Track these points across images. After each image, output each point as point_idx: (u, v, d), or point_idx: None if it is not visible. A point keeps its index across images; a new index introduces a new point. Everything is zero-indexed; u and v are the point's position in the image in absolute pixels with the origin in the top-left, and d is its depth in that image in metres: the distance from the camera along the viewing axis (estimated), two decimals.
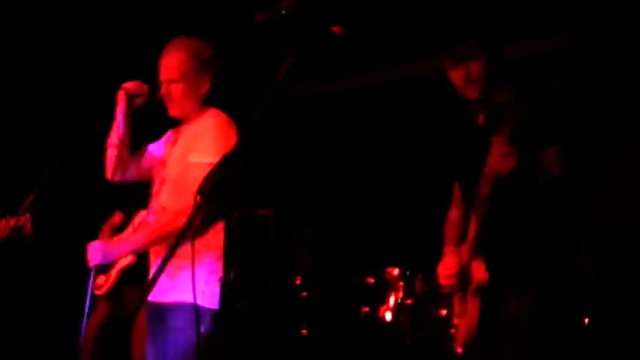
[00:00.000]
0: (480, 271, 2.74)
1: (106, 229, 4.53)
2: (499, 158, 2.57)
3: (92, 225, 4.53)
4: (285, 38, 2.18)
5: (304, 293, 5.45)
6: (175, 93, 3.28)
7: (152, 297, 3.25)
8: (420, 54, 5.07)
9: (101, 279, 4.29)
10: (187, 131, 3.30)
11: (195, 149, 3.18)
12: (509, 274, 2.72)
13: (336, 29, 2.20)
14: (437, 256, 3.07)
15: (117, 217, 4.56)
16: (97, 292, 4.28)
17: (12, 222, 3.66)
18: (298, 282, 5.41)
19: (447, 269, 2.92)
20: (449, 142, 3.10)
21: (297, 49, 2.06)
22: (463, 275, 2.83)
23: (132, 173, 3.49)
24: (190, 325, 3.01)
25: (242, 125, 1.94)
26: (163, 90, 3.30)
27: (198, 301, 3.03)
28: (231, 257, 3.39)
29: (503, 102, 2.77)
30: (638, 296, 4.40)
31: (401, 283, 4.80)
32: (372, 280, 5.01)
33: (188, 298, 2.97)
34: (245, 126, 1.91)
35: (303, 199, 6.12)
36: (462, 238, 2.91)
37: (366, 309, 4.99)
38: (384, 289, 4.86)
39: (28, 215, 3.49)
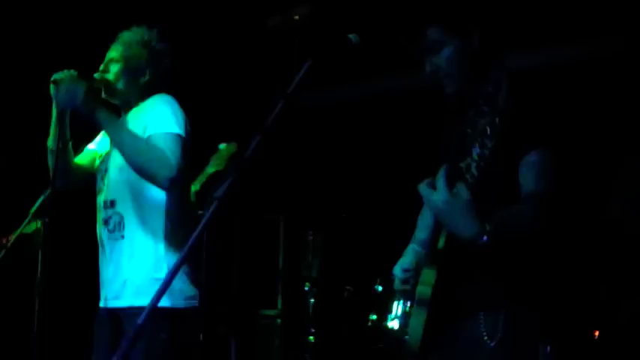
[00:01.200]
0: (423, 284, 2.38)
1: None
2: (426, 195, 2.23)
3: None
4: (298, 44, 2.17)
5: (312, 299, 5.43)
6: (112, 73, 3.15)
7: (101, 302, 3.12)
8: None
9: None
10: (130, 117, 3.16)
11: (147, 125, 3.04)
12: (475, 295, 2.38)
13: (352, 37, 2.18)
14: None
15: None
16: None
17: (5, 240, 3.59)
18: (306, 288, 5.39)
19: (402, 271, 2.58)
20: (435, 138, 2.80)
21: (313, 56, 2.04)
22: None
23: (77, 179, 3.27)
24: (159, 329, 2.88)
25: (255, 131, 1.92)
26: (102, 69, 3.17)
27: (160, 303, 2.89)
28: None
29: (491, 93, 2.32)
30: None
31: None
32: (380, 288, 4.98)
33: (142, 301, 2.88)
34: (258, 132, 1.89)
35: (313, 204, 6.11)
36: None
37: (374, 317, 4.97)
38: (392, 296, 4.84)
39: (40, 222, 3.41)
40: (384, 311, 4.16)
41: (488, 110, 2.14)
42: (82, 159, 3.32)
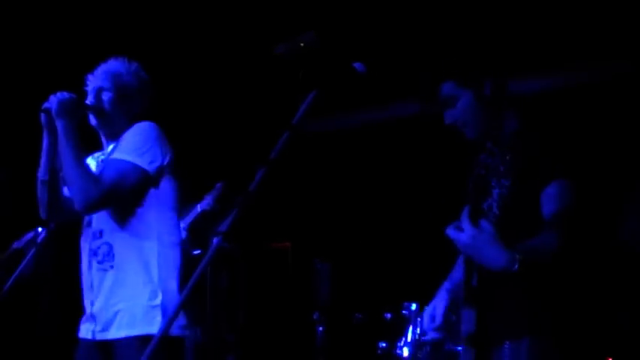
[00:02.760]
0: (468, 322, 2.42)
1: None
2: (454, 239, 2.29)
3: None
4: (304, 71, 2.14)
5: (321, 327, 5.39)
6: (105, 102, 3.13)
7: (86, 334, 3.07)
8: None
9: None
10: (115, 146, 3.13)
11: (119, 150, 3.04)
12: (502, 325, 2.47)
13: (358, 65, 2.15)
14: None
15: None
16: None
17: None
18: (315, 316, 5.36)
19: (432, 320, 2.73)
20: (457, 180, 2.84)
21: (319, 86, 2.01)
22: (456, 324, 2.61)
23: (69, 211, 3.14)
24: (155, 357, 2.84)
25: (259, 164, 1.89)
26: (91, 98, 3.13)
27: (145, 330, 2.88)
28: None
29: (508, 132, 2.55)
30: None
31: (419, 319, 4.73)
32: (389, 315, 4.94)
33: (138, 330, 2.88)
34: (262, 165, 1.87)
35: (321, 232, 6.08)
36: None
37: (384, 344, 4.92)
38: (401, 324, 4.80)
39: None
40: (394, 339, 4.10)
41: (498, 150, 2.30)
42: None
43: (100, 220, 3.09)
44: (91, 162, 3.25)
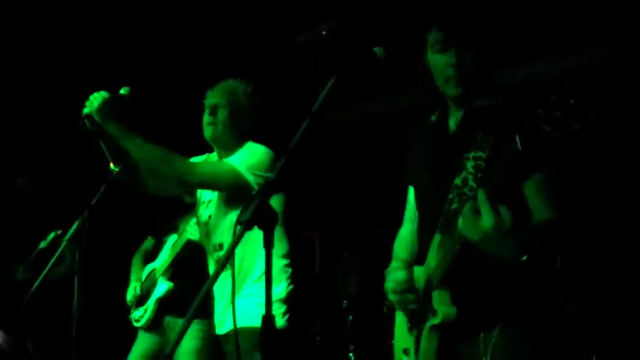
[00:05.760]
0: (445, 304, 2.24)
1: (138, 255, 4.47)
2: (470, 222, 2.05)
3: (125, 252, 4.53)
4: (322, 60, 2.13)
5: (351, 316, 5.41)
6: (221, 116, 3.41)
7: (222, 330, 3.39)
8: None
9: (140, 311, 4.20)
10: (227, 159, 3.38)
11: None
12: (479, 313, 2.27)
13: (377, 50, 2.12)
14: None
15: (149, 243, 4.51)
16: (137, 325, 4.20)
17: None
18: (344, 305, 5.38)
19: (396, 283, 2.48)
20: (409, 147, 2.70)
21: (338, 72, 1.99)
22: (419, 305, 2.39)
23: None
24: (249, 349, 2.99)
25: (281, 152, 1.88)
26: (209, 113, 3.41)
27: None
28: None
29: (485, 106, 2.33)
30: None
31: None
32: None
33: (248, 322, 3.05)
34: (284, 153, 1.85)
35: (349, 221, 6.06)
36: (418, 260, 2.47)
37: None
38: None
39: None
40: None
41: (485, 133, 2.19)
42: None
43: (218, 234, 3.37)
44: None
